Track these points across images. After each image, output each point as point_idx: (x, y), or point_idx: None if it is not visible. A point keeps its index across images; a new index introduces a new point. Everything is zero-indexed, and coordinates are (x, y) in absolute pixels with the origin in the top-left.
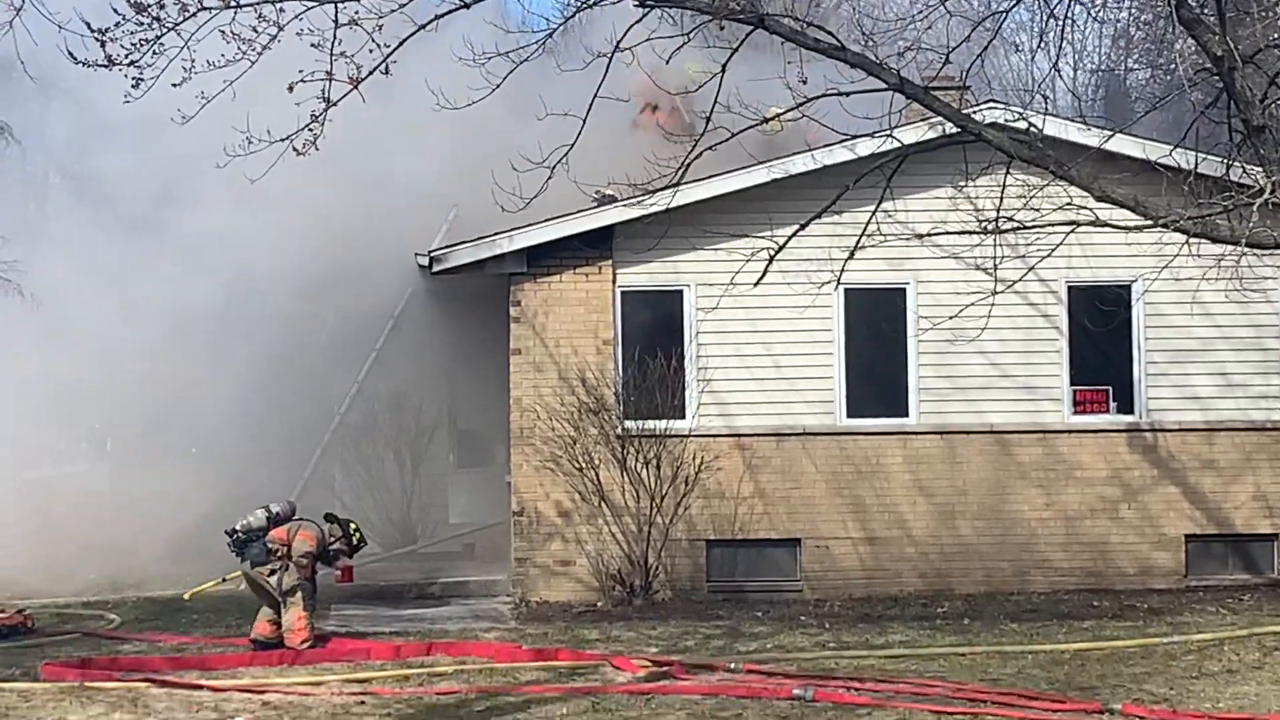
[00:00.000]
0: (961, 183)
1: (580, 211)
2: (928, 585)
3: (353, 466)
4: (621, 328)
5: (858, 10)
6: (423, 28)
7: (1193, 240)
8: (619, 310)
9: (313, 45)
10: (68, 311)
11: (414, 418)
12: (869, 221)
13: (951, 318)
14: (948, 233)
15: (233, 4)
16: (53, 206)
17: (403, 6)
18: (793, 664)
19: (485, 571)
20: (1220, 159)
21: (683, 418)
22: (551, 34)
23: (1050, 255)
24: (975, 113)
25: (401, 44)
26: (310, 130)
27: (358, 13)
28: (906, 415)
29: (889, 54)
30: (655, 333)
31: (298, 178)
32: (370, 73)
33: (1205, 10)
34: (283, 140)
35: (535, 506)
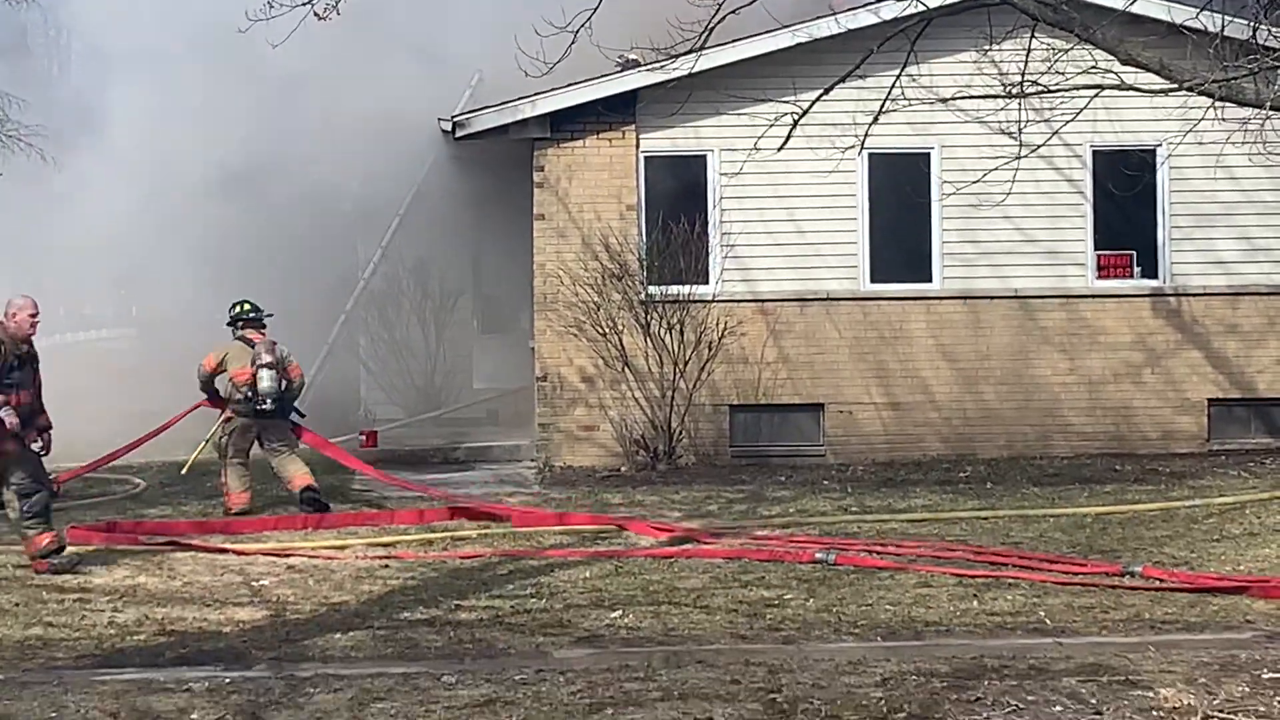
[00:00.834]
0: (986, 46)
1: (604, 76)
2: (950, 450)
3: (377, 332)
4: (645, 193)
5: None
6: None
7: (1218, 104)
8: (642, 175)
9: None
10: (90, 176)
11: (438, 283)
12: (893, 86)
13: (975, 182)
14: (972, 97)
15: None
16: (75, 70)
17: None
18: (814, 528)
19: (509, 437)
20: (1247, 22)
21: (706, 283)
22: None
23: (1075, 119)
24: None
25: None
26: None
27: None
28: (930, 280)
29: None
30: (679, 198)
31: (321, 42)
32: None
33: None
34: (304, 4)
35: (559, 372)
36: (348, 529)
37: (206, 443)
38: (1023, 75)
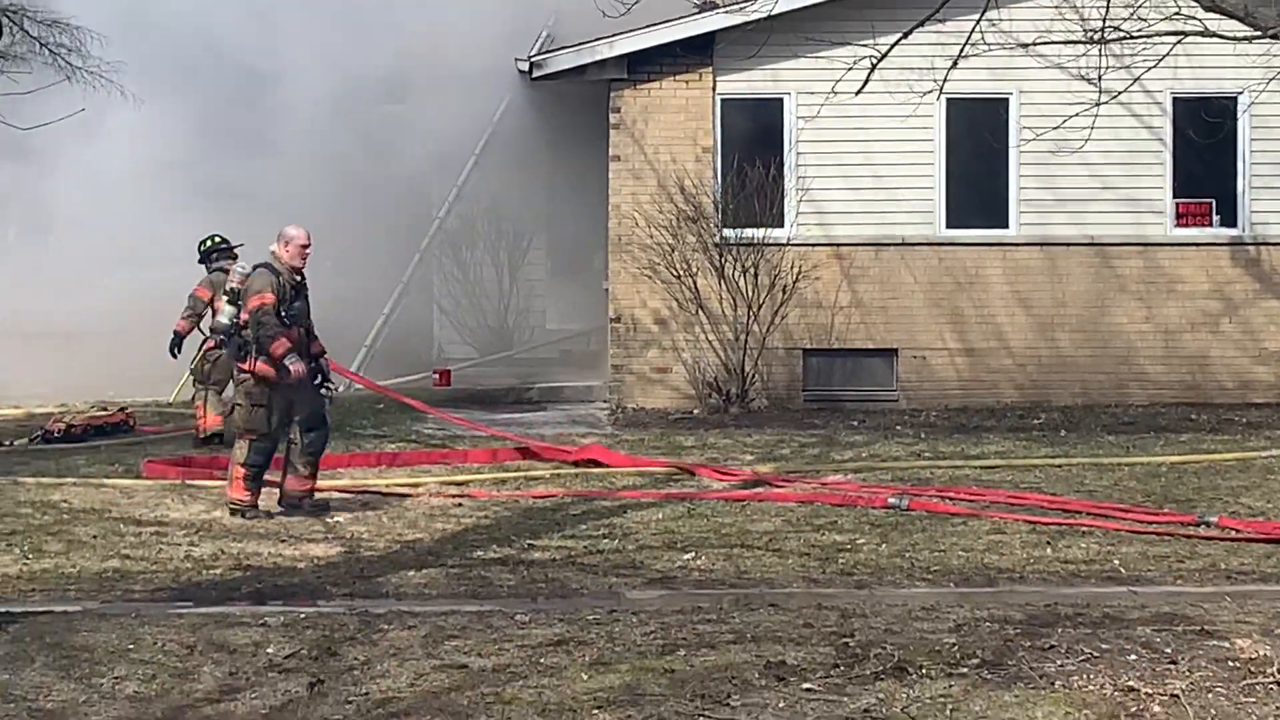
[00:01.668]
0: None
1: (682, 18)
2: (1024, 397)
3: (451, 272)
4: (721, 136)
5: None
6: None
7: None
8: (719, 118)
9: None
10: (170, 113)
11: (512, 224)
12: (973, 30)
13: (1054, 128)
14: (1052, 42)
15: None
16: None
17: None
18: (887, 473)
19: (581, 378)
20: None
21: (781, 226)
22: None
23: (1156, 66)
24: None
25: None
26: None
27: None
28: (1007, 226)
29: None
30: (754, 141)
31: None
32: None
33: None
34: None
35: (632, 314)
36: (421, 467)
37: (190, 374)
38: (1104, 21)
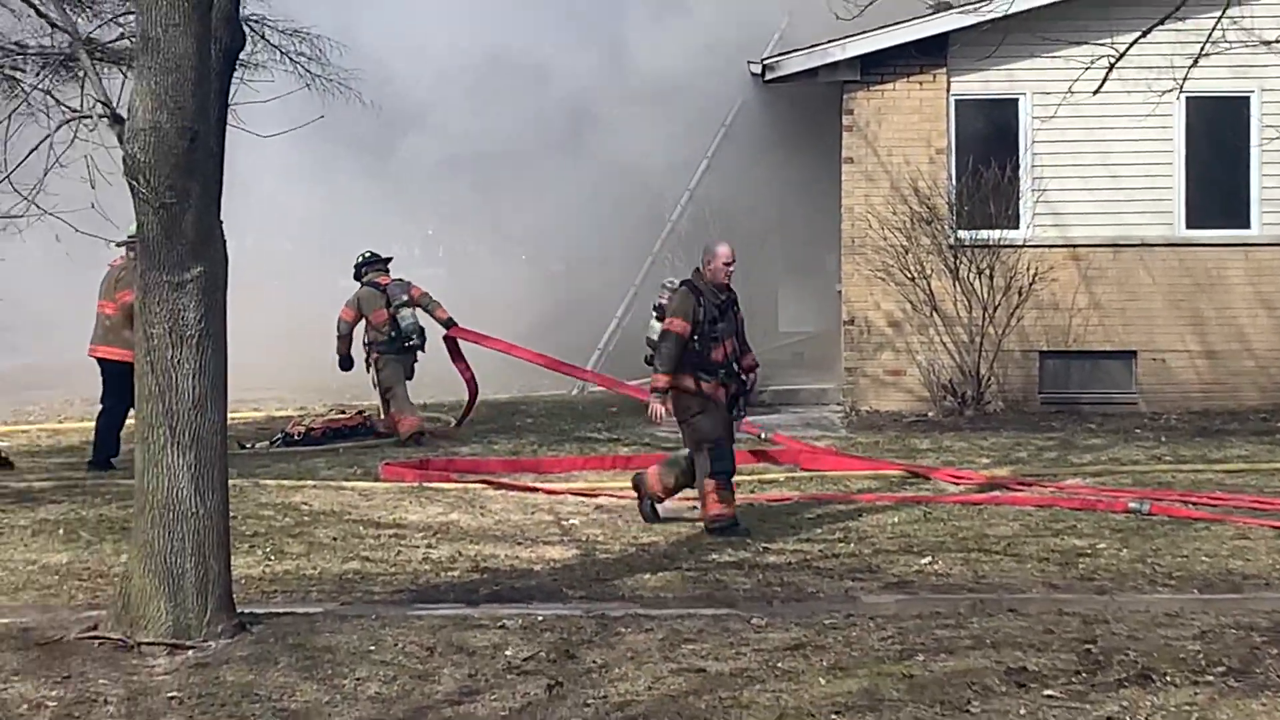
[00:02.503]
0: None
1: (916, 18)
2: (1267, 400)
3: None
4: (955, 137)
5: None
6: None
7: None
8: (953, 119)
9: None
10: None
11: (744, 225)
12: (1214, 28)
13: None
14: None
15: None
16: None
17: None
18: (1127, 477)
19: (814, 380)
20: None
21: (1016, 228)
22: None
23: None
24: None
25: None
26: None
27: None
28: (1248, 226)
29: None
30: (989, 142)
31: None
32: None
33: None
34: None
35: (866, 316)
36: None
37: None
38: None
